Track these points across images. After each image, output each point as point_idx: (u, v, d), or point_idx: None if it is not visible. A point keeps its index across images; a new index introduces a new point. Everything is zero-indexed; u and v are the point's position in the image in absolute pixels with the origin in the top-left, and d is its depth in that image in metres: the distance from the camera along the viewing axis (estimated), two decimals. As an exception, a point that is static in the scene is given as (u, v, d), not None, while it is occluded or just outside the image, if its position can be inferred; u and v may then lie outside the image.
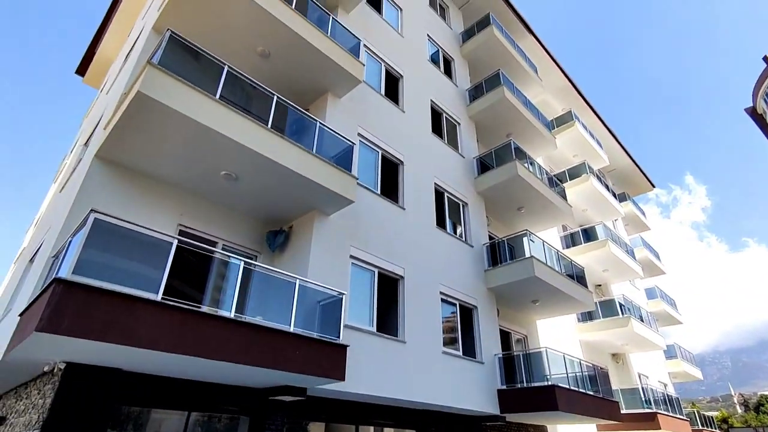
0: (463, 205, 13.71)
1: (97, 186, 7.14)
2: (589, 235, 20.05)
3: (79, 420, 5.61)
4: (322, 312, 7.31)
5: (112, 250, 5.51)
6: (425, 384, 9.37)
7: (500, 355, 11.82)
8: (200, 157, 7.34)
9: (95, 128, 9.43)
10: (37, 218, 17.84)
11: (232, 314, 5.98)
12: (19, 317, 5.90)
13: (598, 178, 22.06)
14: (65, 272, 4.77)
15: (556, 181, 16.40)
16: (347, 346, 7.13)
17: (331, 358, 6.84)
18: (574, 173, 21.32)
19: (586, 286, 14.58)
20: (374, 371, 8.42)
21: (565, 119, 22.74)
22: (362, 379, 8.03)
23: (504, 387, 11.33)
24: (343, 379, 6.84)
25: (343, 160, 8.86)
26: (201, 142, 7.01)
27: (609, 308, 18.51)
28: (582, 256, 19.40)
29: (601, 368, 13.50)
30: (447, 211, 12.93)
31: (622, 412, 14.55)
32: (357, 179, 8.91)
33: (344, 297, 7.37)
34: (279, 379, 6.75)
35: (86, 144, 9.94)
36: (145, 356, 5.46)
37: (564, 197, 16.25)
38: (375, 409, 9.35)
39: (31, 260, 8.80)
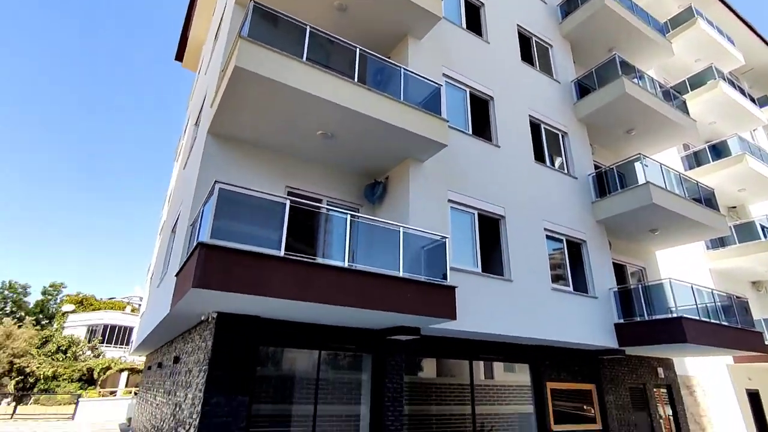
0: (562, 136, 12.72)
1: (214, 159, 7.96)
2: (719, 151, 17.45)
3: (233, 358, 6.67)
4: (427, 256, 7.55)
5: (237, 215, 6.22)
6: (536, 320, 9.35)
7: (615, 289, 11.23)
8: (297, 120, 7.73)
9: (201, 108, 10.37)
10: (168, 194, 20.58)
11: (345, 264, 6.47)
12: (175, 277, 7.05)
13: (730, 82, 18.73)
14: (204, 237, 5.53)
15: (673, 94, 14.31)
16: (455, 287, 7.34)
17: (440, 299, 7.12)
18: (697, 82, 18.35)
19: (717, 209, 12.92)
20: (483, 310, 8.59)
21: (682, 18, 19.34)
22: (472, 317, 8.27)
23: (621, 321, 10.84)
24: (455, 318, 7.12)
25: (431, 103, 8.68)
26: (295, 106, 7.35)
27: (747, 232, 16.29)
28: (710, 176, 17.06)
29: (738, 297, 12.15)
30: (545, 143, 12.12)
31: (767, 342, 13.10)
32: (447, 122, 8.71)
33: (447, 240, 7.50)
34: (393, 320, 7.25)
35: (197, 123, 11.03)
36: (275, 304, 6.22)
37: (685, 111, 14.19)
38: (487, 345, 9.64)
39: (173, 230, 10.28)
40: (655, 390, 12.66)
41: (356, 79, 7.72)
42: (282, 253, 5.95)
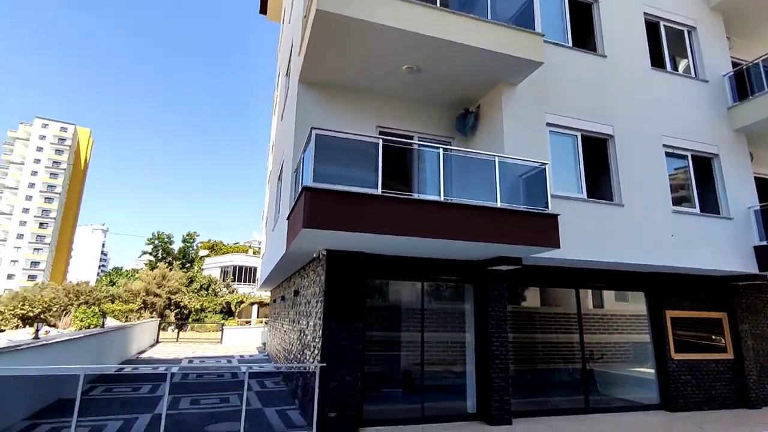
0: (688, 32, 10.75)
1: (307, 107, 8.27)
2: None
3: (344, 290, 7.30)
4: (525, 185, 7.25)
5: (335, 159, 6.51)
6: (652, 246, 8.61)
7: (757, 208, 9.74)
8: (382, 57, 7.59)
9: (290, 57, 10.65)
10: (270, 146, 22.07)
11: (440, 198, 6.52)
12: (286, 221, 7.75)
13: None
14: (308, 181, 5.94)
15: None
16: (557, 215, 7.01)
17: (541, 228, 6.89)
18: None
19: None
20: (590, 237, 8.12)
21: None
22: (578, 245, 7.90)
23: (764, 243, 9.48)
24: (558, 247, 6.87)
25: (523, 17, 7.87)
26: (379, 42, 7.19)
27: None
28: None
29: None
30: (665, 44, 10.39)
31: None
32: (542, 36, 7.87)
33: (547, 167, 7.08)
34: (493, 251, 7.23)
35: (287, 74, 11.41)
36: (376, 240, 6.57)
37: None
38: (595, 273, 9.21)
39: (279, 178, 11.14)
40: (803, 318, 11.13)
41: (438, 3, 7.24)
42: (378, 191, 6.17)
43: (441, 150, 6.75)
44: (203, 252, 54.40)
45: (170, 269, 40.02)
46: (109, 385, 10.43)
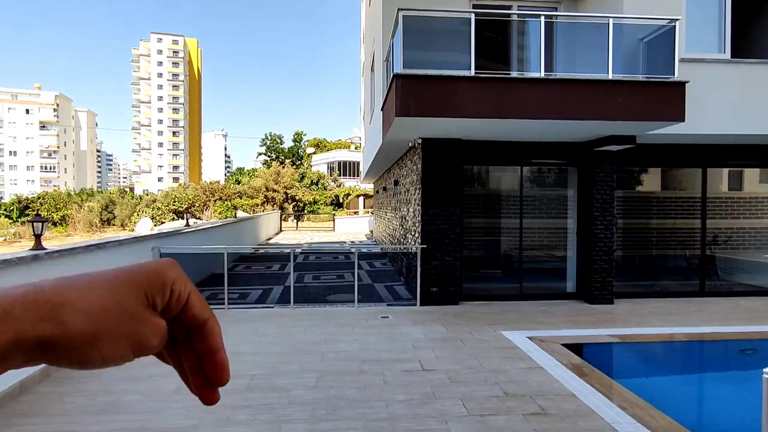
0: None
1: (394, -14, 7.73)
2: None
3: (441, 177, 7.46)
4: (647, 50, 6.25)
5: (425, 43, 6.21)
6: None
7: None
8: None
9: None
10: (362, 36, 21.38)
11: (541, 74, 5.98)
12: (381, 112, 7.86)
13: None
14: (398, 68, 5.84)
15: None
16: (686, 82, 6.04)
17: (664, 99, 6.05)
18: None
19: None
20: (729, 106, 6.94)
21: None
22: (711, 116, 6.84)
23: None
24: (683, 120, 6.04)
25: None
26: None
27: None
28: None
29: None
30: None
31: None
32: None
33: (677, 23, 5.94)
34: (602, 129, 6.63)
35: (372, -51, 10.52)
36: (472, 125, 6.41)
37: None
38: (729, 149, 8.03)
39: (372, 69, 11.01)
40: None
41: None
42: (472, 72, 5.86)
43: (542, 17, 6.00)
44: (310, 150, 57.96)
45: (283, 167, 43.77)
46: (248, 263, 12.56)
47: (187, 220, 10.21)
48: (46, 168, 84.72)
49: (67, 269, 4.70)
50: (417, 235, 7.80)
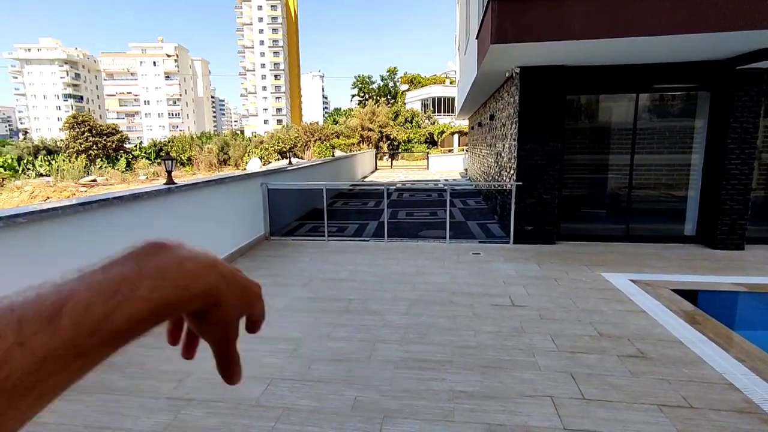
0: None
1: None
2: None
3: (540, 109, 6.90)
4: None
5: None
6: None
7: None
8: None
9: None
10: (458, -45, 19.58)
11: (672, -22, 5.02)
12: (476, 40, 7.35)
13: None
14: (496, -12, 5.32)
15: None
16: None
17: (843, -4, 4.75)
18: None
19: None
20: None
21: None
22: None
23: None
24: None
25: None
26: None
27: None
28: None
29: None
30: None
31: None
32: None
33: None
34: (748, 41, 5.48)
35: None
36: (579, 48, 5.71)
37: None
38: None
39: (468, -7, 10.17)
40: None
41: None
42: (583, -16, 5.13)
43: None
44: (404, 87, 56.93)
45: (377, 105, 43.85)
46: (345, 200, 13.24)
47: (290, 159, 10.93)
48: (172, 115, 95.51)
49: (194, 201, 5.43)
50: (512, 171, 7.47)
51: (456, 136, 39.43)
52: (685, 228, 7.36)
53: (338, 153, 32.17)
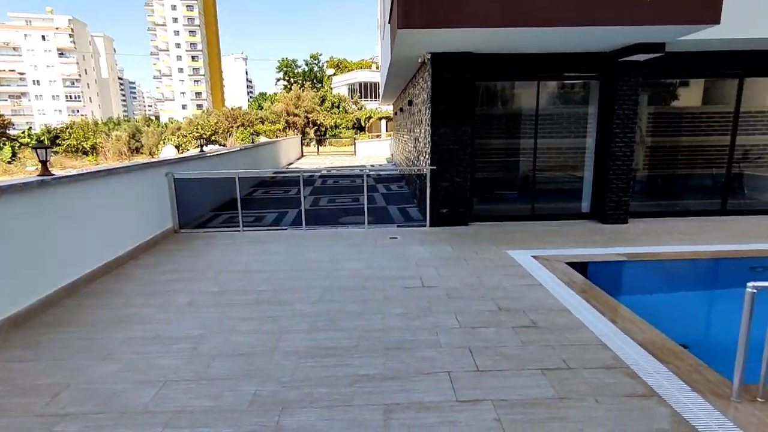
0: None
1: None
2: None
3: (452, 94, 7.10)
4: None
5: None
6: None
7: None
8: None
9: None
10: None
11: (561, -28, 5.35)
12: (388, 24, 7.35)
13: None
14: (401, -27, 5.33)
15: None
16: (728, -25, 5.30)
17: (699, -3, 5.37)
18: None
19: None
20: (777, 4, 6.13)
21: None
22: (750, 17, 6.09)
23: None
24: (718, 22, 5.40)
25: None
26: None
27: None
28: None
29: None
30: None
31: None
32: None
33: None
34: (628, 36, 6.03)
35: None
36: (484, 36, 5.94)
37: None
38: (775, 55, 7.26)
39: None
40: None
41: None
42: (482, -27, 5.30)
43: None
44: (329, 71, 55.96)
45: (302, 90, 42.71)
46: (267, 188, 12.81)
47: (202, 146, 10.32)
48: (71, 97, 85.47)
49: (81, 194, 4.92)
50: (428, 156, 7.66)
51: (383, 122, 39.69)
52: (582, 206, 8.05)
53: (263, 139, 30.99)
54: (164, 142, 34.35)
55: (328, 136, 39.43)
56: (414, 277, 5.04)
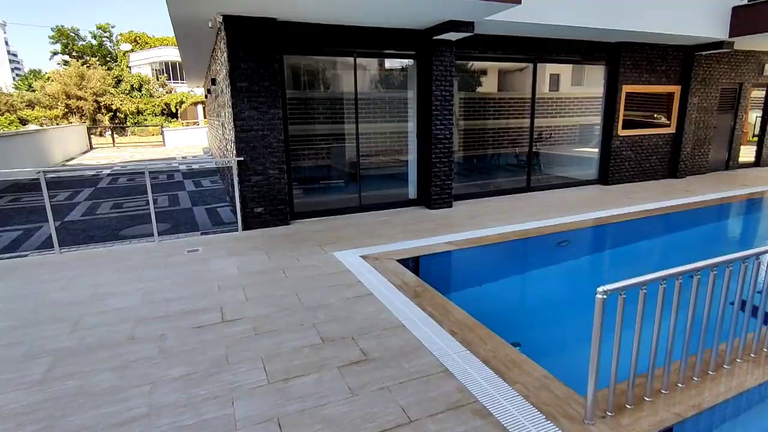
0: None
1: None
2: None
3: (255, 69, 5.84)
4: None
5: None
6: (618, 7, 7.27)
7: (755, -45, 8.13)
8: None
9: None
10: None
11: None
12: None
13: None
14: None
15: None
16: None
17: (501, -26, 5.27)
18: None
19: None
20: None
21: None
22: (545, 4, 6.44)
23: (746, 2, 8.26)
24: (519, 2, 5.42)
25: None
26: None
27: None
28: None
29: None
30: None
31: None
32: None
33: None
34: (440, 11, 5.69)
35: None
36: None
37: None
38: (554, 43, 8.04)
39: None
40: (750, 89, 10.93)
41: None
42: None
43: None
44: (125, 46, 47.15)
45: (88, 67, 34.90)
46: (18, 194, 9.46)
47: None
48: None
49: None
50: (234, 144, 6.28)
51: (200, 107, 35.28)
52: (408, 192, 7.77)
53: (32, 128, 24.05)
54: None
55: (129, 124, 33.23)
56: (212, 308, 3.76)
